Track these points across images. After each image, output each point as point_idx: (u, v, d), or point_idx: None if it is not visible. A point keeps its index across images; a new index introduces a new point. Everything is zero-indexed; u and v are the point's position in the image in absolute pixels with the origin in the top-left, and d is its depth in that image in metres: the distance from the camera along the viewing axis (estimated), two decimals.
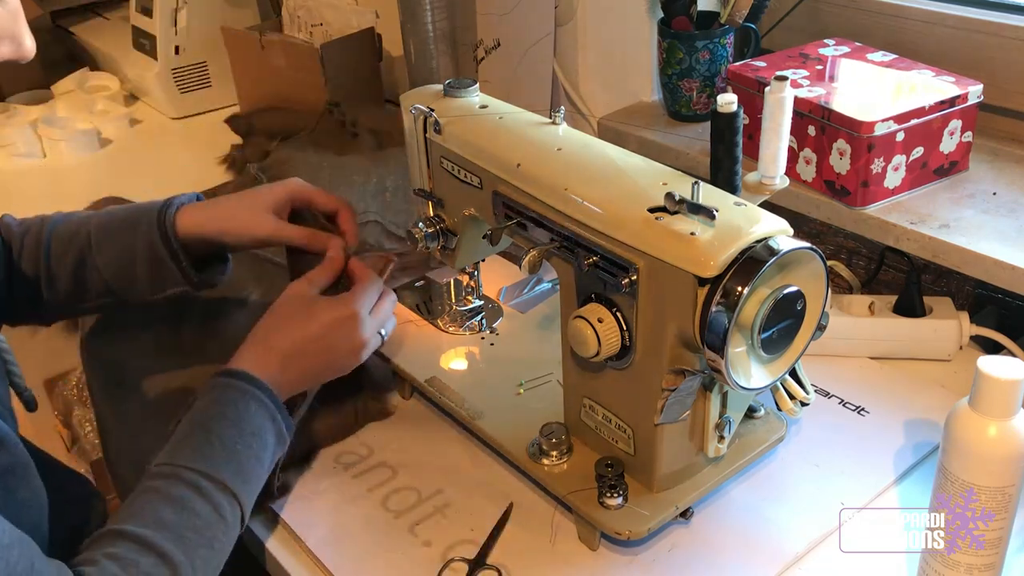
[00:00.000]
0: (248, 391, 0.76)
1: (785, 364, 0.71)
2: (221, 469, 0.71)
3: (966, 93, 0.99)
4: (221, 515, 0.70)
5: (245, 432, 0.74)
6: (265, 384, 0.77)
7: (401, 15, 1.41)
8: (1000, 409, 0.63)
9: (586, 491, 0.78)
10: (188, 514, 0.68)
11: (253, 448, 0.74)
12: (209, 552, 0.68)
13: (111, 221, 0.93)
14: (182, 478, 0.69)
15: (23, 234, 0.93)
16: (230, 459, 0.72)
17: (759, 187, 0.76)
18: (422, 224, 0.93)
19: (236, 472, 0.72)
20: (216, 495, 0.70)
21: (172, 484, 0.69)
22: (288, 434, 0.78)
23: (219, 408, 0.74)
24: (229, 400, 0.75)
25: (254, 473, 0.74)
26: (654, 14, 1.24)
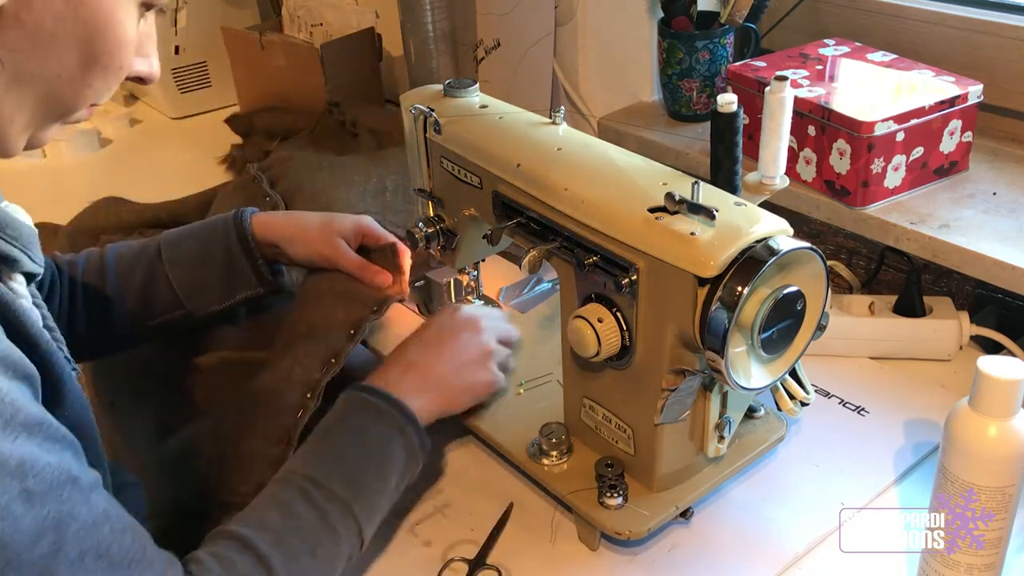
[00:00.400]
0: (380, 408, 0.76)
1: (785, 364, 0.71)
2: (332, 477, 0.70)
3: (966, 93, 0.99)
4: (327, 522, 0.68)
5: (364, 443, 0.73)
6: (392, 396, 0.76)
7: (401, 15, 1.41)
8: (1000, 409, 0.63)
9: (586, 491, 0.78)
10: (292, 518, 0.68)
11: (372, 458, 0.73)
12: (310, 560, 0.67)
13: (180, 233, 0.95)
14: (293, 483, 0.70)
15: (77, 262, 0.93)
16: (342, 467, 0.71)
17: (759, 187, 0.76)
18: (422, 224, 0.93)
19: (348, 482, 0.71)
20: (323, 502, 0.69)
21: (282, 488, 0.70)
22: (421, 451, 0.76)
23: (340, 419, 0.75)
24: (352, 411, 0.75)
25: (371, 485, 0.72)
26: (654, 14, 1.24)
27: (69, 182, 1.51)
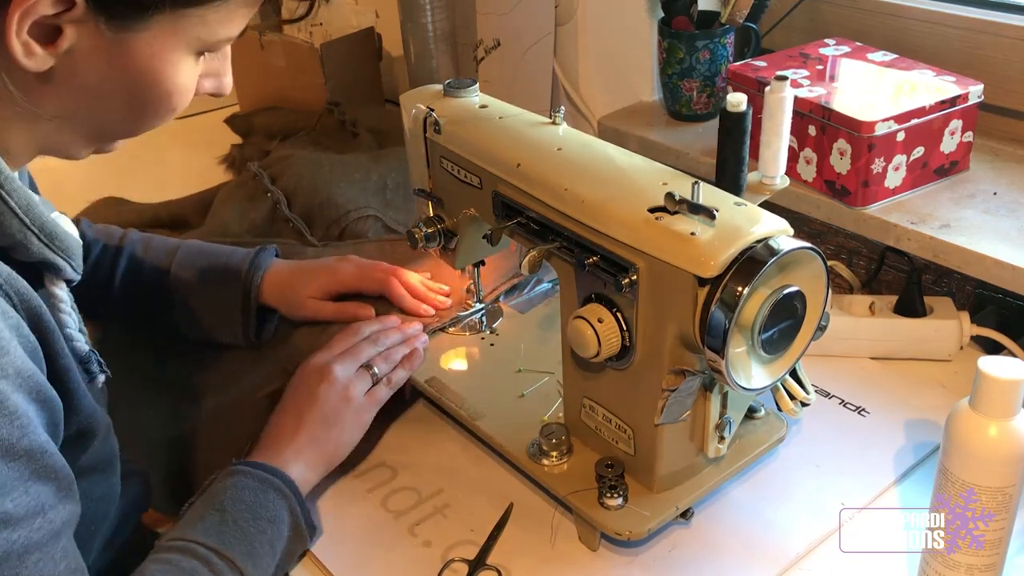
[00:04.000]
0: (267, 480, 0.76)
1: (785, 364, 0.71)
2: (232, 547, 0.71)
3: (966, 93, 0.99)
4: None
5: (261, 517, 0.74)
6: (284, 473, 0.78)
7: (401, 15, 1.41)
8: (1000, 409, 0.63)
9: (586, 491, 0.77)
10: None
11: (267, 534, 0.74)
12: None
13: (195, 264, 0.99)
14: (193, 552, 0.70)
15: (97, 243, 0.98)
16: (242, 540, 0.72)
17: (759, 187, 0.76)
18: (422, 224, 0.93)
19: (247, 553, 0.72)
20: (225, 571, 0.70)
21: (184, 557, 0.70)
22: (307, 530, 0.78)
23: (235, 493, 0.75)
24: (246, 487, 0.76)
25: (265, 559, 0.73)
26: (654, 14, 1.24)
27: (69, 182, 1.50)
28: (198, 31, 0.62)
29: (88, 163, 0.78)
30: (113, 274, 0.97)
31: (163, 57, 0.61)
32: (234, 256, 1.00)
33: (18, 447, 0.55)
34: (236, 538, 0.72)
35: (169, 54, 0.61)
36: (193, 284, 0.98)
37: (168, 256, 0.99)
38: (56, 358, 0.62)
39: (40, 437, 0.57)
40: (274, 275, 1.00)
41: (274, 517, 0.75)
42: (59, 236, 0.65)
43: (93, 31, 0.58)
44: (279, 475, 0.77)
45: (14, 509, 0.55)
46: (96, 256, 0.98)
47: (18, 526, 0.55)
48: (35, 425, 0.57)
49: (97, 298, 0.96)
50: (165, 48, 0.61)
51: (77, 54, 0.58)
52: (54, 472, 0.59)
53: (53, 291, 0.66)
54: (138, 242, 1.00)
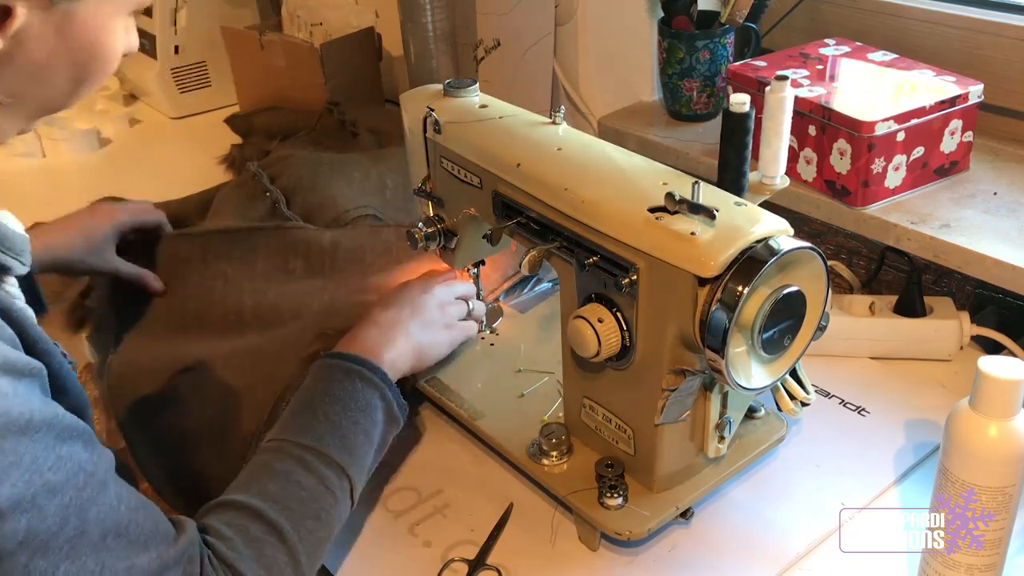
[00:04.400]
0: (354, 370, 0.78)
1: (785, 364, 0.71)
2: (326, 443, 0.73)
3: (966, 93, 0.99)
4: (327, 487, 0.72)
5: (351, 408, 0.76)
6: (371, 362, 0.80)
7: (401, 15, 1.41)
8: (1000, 409, 0.63)
9: (586, 491, 0.77)
10: (293, 486, 0.71)
11: (360, 424, 0.76)
12: (316, 523, 0.70)
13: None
14: (288, 452, 0.72)
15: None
16: (335, 433, 0.74)
17: (759, 187, 0.76)
18: (422, 224, 0.93)
19: (342, 446, 0.74)
20: (321, 468, 0.72)
21: (278, 458, 0.72)
22: (400, 412, 0.80)
23: (324, 386, 0.77)
24: (334, 379, 0.78)
25: (361, 448, 0.76)
26: (654, 14, 1.24)
27: (68, 182, 1.50)
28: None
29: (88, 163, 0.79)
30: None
31: (105, 24, 0.61)
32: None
33: (35, 421, 0.56)
34: (329, 432, 0.74)
35: (110, 20, 0.61)
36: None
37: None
38: (34, 343, 0.62)
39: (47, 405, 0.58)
40: (40, 236, 0.97)
41: (365, 406, 0.77)
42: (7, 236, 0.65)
43: (42, 6, 0.57)
44: (367, 364, 0.79)
45: (55, 477, 0.56)
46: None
47: (65, 489, 0.56)
48: (37, 396, 0.58)
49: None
50: (107, 13, 0.61)
51: (26, 34, 0.58)
52: (74, 429, 0.59)
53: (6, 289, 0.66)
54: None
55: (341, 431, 0.75)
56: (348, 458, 0.74)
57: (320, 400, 0.76)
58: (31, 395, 0.57)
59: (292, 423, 0.75)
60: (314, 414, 0.75)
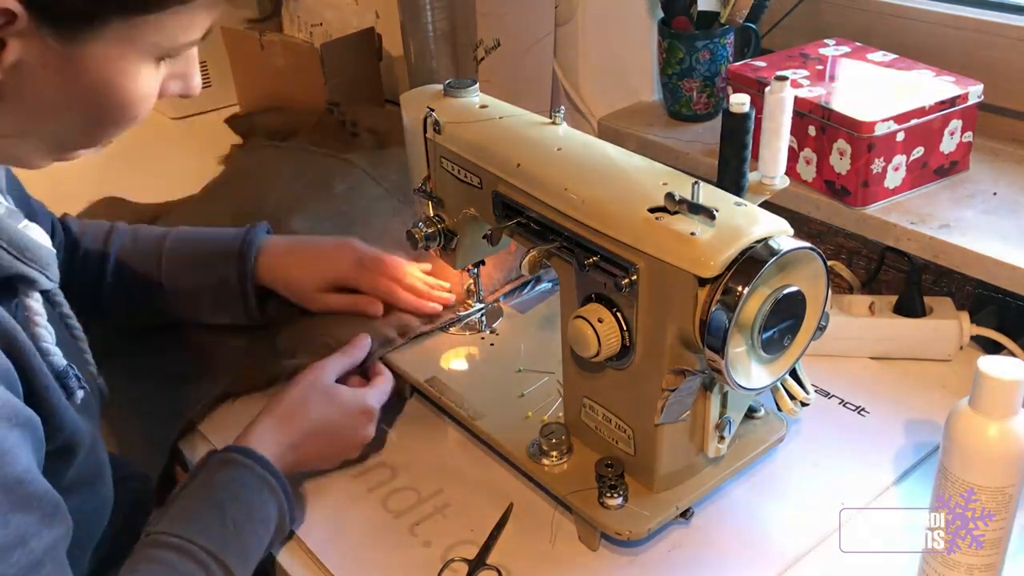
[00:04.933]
0: (265, 479, 0.76)
1: (785, 364, 0.71)
2: (230, 554, 0.71)
3: (966, 93, 0.99)
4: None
5: (256, 519, 0.74)
6: (279, 473, 0.77)
7: (401, 15, 1.41)
8: (1000, 409, 0.63)
9: (586, 491, 0.77)
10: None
11: (259, 535, 0.74)
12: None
13: (185, 251, 0.98)
14: (192, 555, 0.69)
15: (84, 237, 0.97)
16: (239, 544, 0.72)
17: (759, 187, 0.76)
18: (422, 224, 0.93)
19: (242, 559, 0.72)
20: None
21: (182, 560, 0.69)
22: (289, 525, 0.78)
23: (235, 490, 0.74)
24: (245, 483, 0.75)
25: (253, 558, 0.74)
26: (654, 14, 1.24)
27: (69, 182, 1.50)
28: (155, 38, 0.59)
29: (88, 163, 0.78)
30: (103, 270, 0.96)
31: (118, 67, 0.58)
32: (224, 236, 0.99)
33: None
34: (234, 542, 0.72)
35: (125, 64, 0.58)
36: (186, 270, 0.97)
37: (157, 245, 0.98)
38: (34, 377, 0.61)
39: (18, 467, 0.56)
40: (269, 256, 0.98)
41: (267, 518, 0.75)
42: (30, 248, 0.64)
43: (39, 44, 0.55)
44: (276, 475, 0.77)
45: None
46: (84, 253, 0.96)
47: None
48: (13, 455, 0.55)
49: (89, 297, 0.95)
50: (120, 58, 0.58)
51: (24, 69, 0.55)
52: (35, 499, 0.57)
53: (28, 303, 0.65)
54: (125, 234, 0.99)
55: (246, 542, 0.73)
56: (243, 572, 0.72)
57: (230, 504, 0.73)
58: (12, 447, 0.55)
59: (198, 522, 0.72)
60: (223, 519, 0.72)
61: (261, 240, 0.99)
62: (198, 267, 0.97)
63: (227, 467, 0.75)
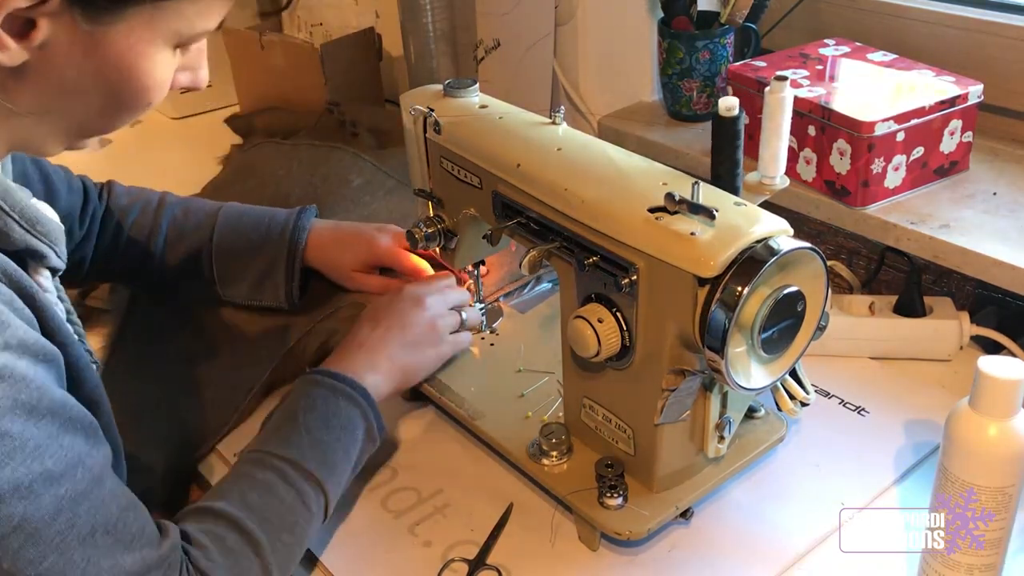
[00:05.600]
0: (338, 388, 0.79)
1: (785, 364, 0.71)
2: (307, 458, 0.74)
3: (966, 93, 0.99)
4: (304, 502, 0.72)
5: (333, 425, 0.77)
6: (355, 381, 0.80)
7: (401, 15, 1.41)
8: (1000, 409, 0.63)
9: (586, 491, 0.77)
10: (272, 498, 0.71)
11: (341, 441, 0.77)
12: (290, 536, 0.71)
13: (239, 220, 1.01)
14: (269, 464, 0.73)
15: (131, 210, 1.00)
16: (316, 448, 0.75)
17: (759, 187, 0.76)
18: (422, 224, 0.93)
19: (322, 462, 0.75)
20: (300, 482, 0.73)
21: (259, 469, 0.73)
22: (379, 433, 0.81)
23: (308, 401, 0.78)
24: (318, 395, 0.78)
25: (340, 465, 0.76)
26: (654, 14, 1.24)
27: None
28: (176, 24, 0.60)
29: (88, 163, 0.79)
30: (154, 239, 0.99)
31: (140, 50, 0.60)
32: (276, 217, 1.01)
33: (40, 407, 0.56)
34: (310, 447, 0.74)
35: (146, 47, 0.60)
36: (236, 247, 0.99)
37: (209, 219, 1.00)
38: (54, 333, 0.62)
39: (57, 393, 0.59)
40: (316, 238, 1.00)
41: (347, 423, 0.77)
42: (41, 221, 0.65)
43: (69, 24, 0.56)
44: (350, 383, 0.79)
45: (54, 465, 0.56)
46: (133, 220, 0.99)
47: (62, 480, 0.57)
48: (49, 383, 0.58)
49: (139, 263, 0.99)
50: (142, 41, 0.60)
51: (52, 48, 0.57)
52: (79, 422, 0.60)
53: (38, 280, 0.66)
54: (177, 205, 1.01)
55: (322, 446, 0.75)
56: (327, 474, 0.74)
57: (303, 414, 0.76)
58: (44, 380, 0.58)
59: (275, 436, 0.76)
60: (296, 428, 0.75)
61: (310, 223, 1.01)
62: (249, 244, 0.99)
63: (305, 385, 0.79)
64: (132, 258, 0.99)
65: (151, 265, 0.99)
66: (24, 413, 0.55)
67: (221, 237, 0.99)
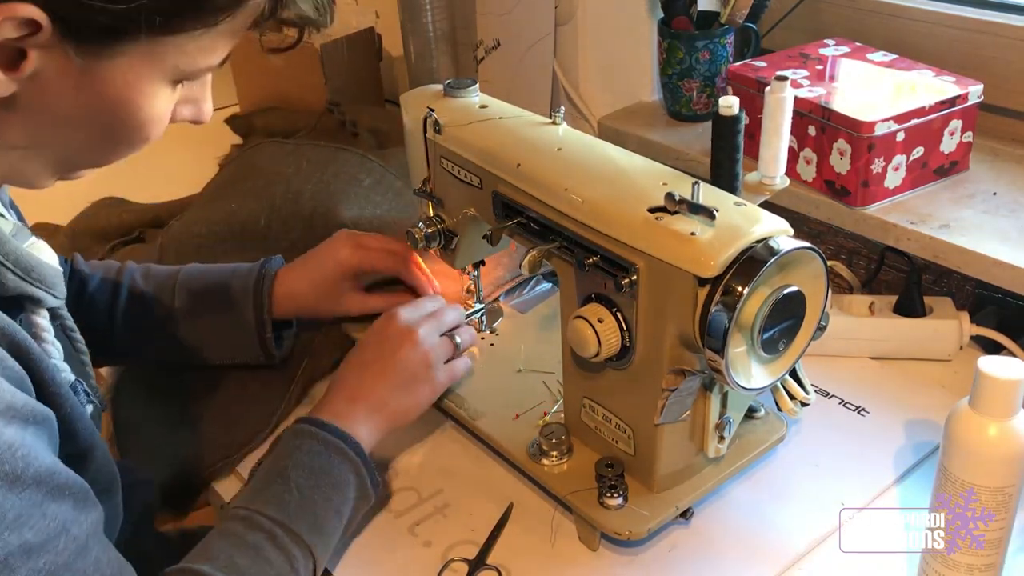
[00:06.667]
0: (330, 443, 0.75)
1: (785, 364, 0.71)
2: (297, 520, 0.71)
3: (966, 93, 0.99)
4: (293, 567, 0.70)
5: (324, 484, 0.74)
6: (348, 435, 0.77)
7: (401, 15, 1.41)
8: (1000, 409, 0.63)
9: (586, 491, 0.77)
10: (261, 562, 0.68)
11: (332, 501, 0.74)
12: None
13: (200, 282, 0.95)
14: (258, 525, 0.70)
15: (91, 278, 0.94)
16: (306, 509, 0.72)
17: (759, 187, 0.76)
18: (422, 224, 0.93)
19: (312, 525, 0.72)
20: (290, 546, 0.70)
21: (249, 530, 0.70)
22: (373, 490, 0.77)
23: (299, 457, 0.74)
24: (310, 450, 0.75)
25: (330, 526, 0.73)
26: (654, 14, 1.24)
27: (69, 182, 1.50)
28: (176, 60, 0.58)
29: None
30: (113, 312, 0.93)
31: (137, 87, 0.57)
32: (238, 272, 0.95)
33: (24, 477, 0.53)
34: (300, 509, 0.72)
35: (144, 84, 0.58)
36: (199, 307, 0.94)
37: (170, 279, 0.95)
38: (46, 385, 0.60)
39: (46, 460, 0.56)
40: (285, 283, 0.95)
41: (339, 483, 0.74)
42: (35, 267, 0.63)
43: (61, 57, 0.54)
44: (345, 438, 0.76)
45: (34, 537, 0.53)
46: (91, 293, 0.93)
47: (42, 552, 0.54)
48: (37, 450, 0.55)
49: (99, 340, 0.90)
50: (140, 77, 0.57)
51: (43, 80, 0.55)
52: (68, 488, 0.57)
53: (35, 320, 0.65)
54: (136, 273, 0.96)
55: (313, 508, 0.72)
56: (317, 538, 0.72)
57: (294, 472, 0.73)
58: (32, 445, 0.55)
59: (264, 493, 0.73)
60: (287, 487, 0.72)
61: (275, 271, 0.95)
62: (212, 302, 0.94)
63: (295, 437, 0.76)
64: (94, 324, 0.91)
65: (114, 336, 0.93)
66: (6, 483, 0.52)
67: (183, 298, 0.94)
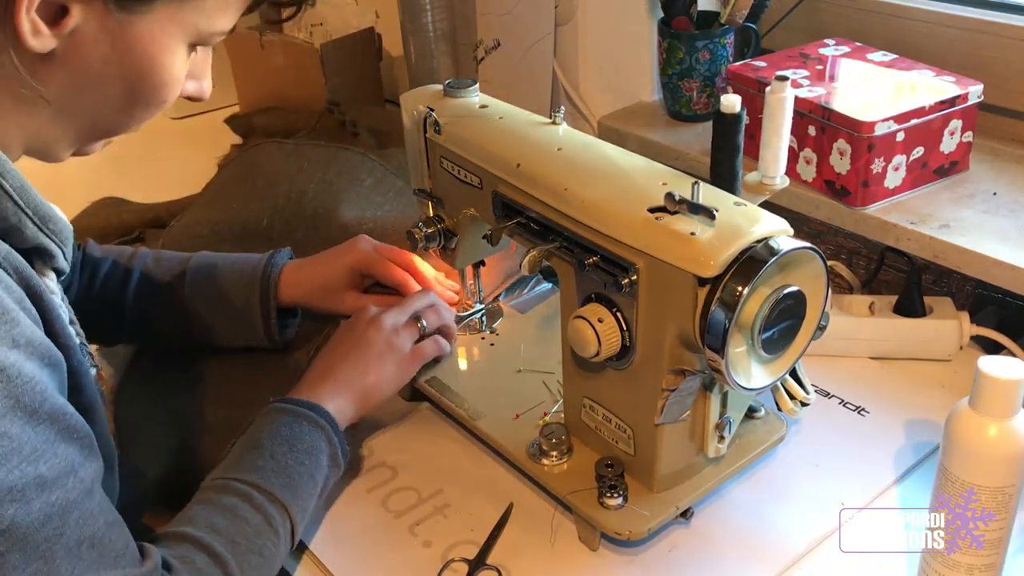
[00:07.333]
0: (301, 413, 0.78)
1: (785, 364, 0.71)
2: (271, 481, 0.73)
3: (966, 93, 0.99)
4: (271, 525, 0.71)
5: (297, 449, 0.76)
6: (319, 406, 0.80)
7: (401, 15, 1.41)
8: (1000, 409, 0.63)
9: (586, 491, 0.77)
10: (239, 521, 0.70)
11: (305, 465, 0.76)
12: (259, 559, 0.70)
13: (210, 267, 0.99)
14: (233, 489, 0.72)
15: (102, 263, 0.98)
16: (280, 472, 0.74)
17: (759, 187, 0.76)
18: (422, 224, 0.93)
19: (286, 485, 0.74)
20: (267, 506, 0.72)
21: (224, 495, 0.72)
22: (343, 458, 0.80)
23: (272, 427, 0.77)
24: (283, 421, 0.78)
25: (305, 489, 0.75)
26: (654, 14, 1.24)
27: (69, 182, 1.50)
28: (196, 19, 0.62)
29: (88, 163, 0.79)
30: (125, 290, 0.97)
31: (162, 44, 0.62)
32: (248, 259, 1.00)
33: (41, 411, 0.56)
34: (274, 472, 0.74)
35: (168, 41, 0.62)
36: (209, 291, 0.97)
37: (181, 265, 0.99)
38: (56, 335, 0.62)
39: (58, 399, 0.58)
40: (291, 273, 0.99)
41: (311, 448, 0.77)
42: (52, 219, 0.65)
43: (100, 12, 0.58)
44: (314, 408, 0.79)
45: (48, 472, 0.56)
46: (106, 273, 0.97)
47: (54, 487, 0.56)
48: (52, 389, 0.58)
49: (111, 317, 0.97)
50: (165, 34, 0.61)
51: (81, 35, 0.58)
52: (76, 431, 0.59)
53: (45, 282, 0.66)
54: (148, 257, 1.00)
55: (287, 471, 0.74)
56: (292, 498, 0.73)
57: (267, 440, 0.76)
58: (48, 383, 0.57)
59: (239, 462, 0.75)
60: (260, 453, 0.75)
61: (283, 261, 1.00)
62: (221, 287, 0.98)
63: (267, 415, 0.79)
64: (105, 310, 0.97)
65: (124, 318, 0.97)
66: (25, 415, 0.55)
67: (193, 283, 0.98)
